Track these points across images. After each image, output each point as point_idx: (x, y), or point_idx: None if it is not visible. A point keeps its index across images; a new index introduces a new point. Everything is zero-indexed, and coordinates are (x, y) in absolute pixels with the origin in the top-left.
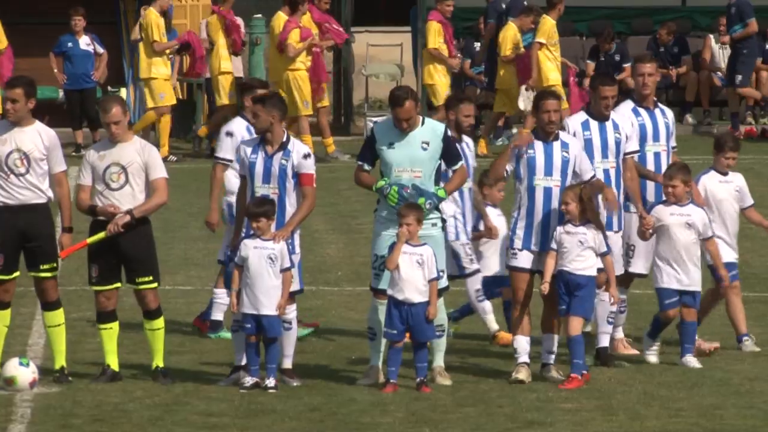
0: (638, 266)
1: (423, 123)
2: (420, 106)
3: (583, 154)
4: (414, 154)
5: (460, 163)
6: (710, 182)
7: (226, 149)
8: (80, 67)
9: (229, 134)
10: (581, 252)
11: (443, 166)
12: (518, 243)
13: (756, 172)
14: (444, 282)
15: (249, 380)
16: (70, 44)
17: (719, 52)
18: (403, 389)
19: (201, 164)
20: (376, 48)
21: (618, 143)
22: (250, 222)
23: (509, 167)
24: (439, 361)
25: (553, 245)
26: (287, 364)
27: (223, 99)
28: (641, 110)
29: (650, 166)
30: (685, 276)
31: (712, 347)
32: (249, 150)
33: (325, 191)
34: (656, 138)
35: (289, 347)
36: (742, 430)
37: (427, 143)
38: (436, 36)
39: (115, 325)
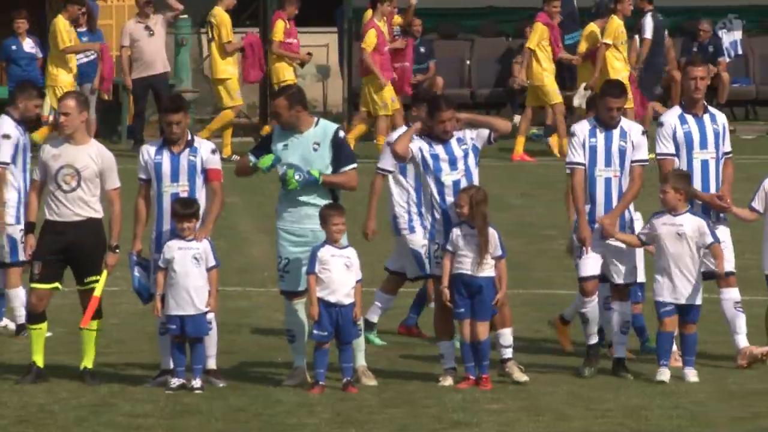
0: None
1: (317, 124)
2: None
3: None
4: (305, 154)
5: (350, 167)
6: None
7: (385, 161)
8: (25, 69)
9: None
10: (480, 254)
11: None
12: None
13: None
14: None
15: (175, 381)
16: (14, 47)
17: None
18: (330, 390)
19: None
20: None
21: (623, 152)
22: (178, 223)
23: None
24: (362, 360)
25: (449, 247)
26: (212, 364)
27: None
28: (688, 117)
29: (697, 174)
30: (680, 288)
31: (765, 351)
32: (152, 151)
33: (252, 192)
34: (703, 145)
35: (211, 347)
36: (667, 431)
37: (318, 144)
38: (539, 37)
39: (44, 326)
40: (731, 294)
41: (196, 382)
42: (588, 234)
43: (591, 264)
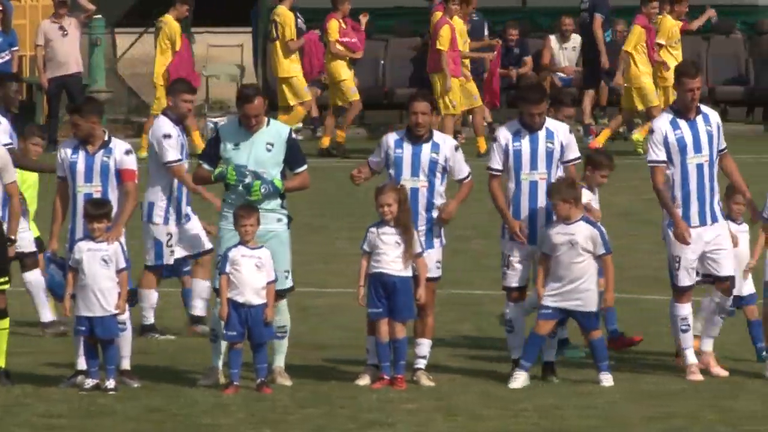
0: None
1: (268, 124)
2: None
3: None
4: (258, 155)
5: (303, 168)
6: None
7: None
8: None
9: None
10: (400, 254)
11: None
12: None
13: None
14: (289, 282)
15: (89, 382)
16: None
17: (560, 53)
18: (245, 390)
19: None
20: (216, 48)
21: (550, 153)
22: (89, 223)
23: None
24: (280, 362)
25: (366, 247)
26: (126, 365)
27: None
28: (681, 122)
29: (692, 179)
30: (567, 296)
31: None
32: (69, 151)
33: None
34: (697, 149)
35: (125, 348)
36: (581, 430)
37: (272, 144)
38: (637, 40)
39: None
40: (721, 299)
41: (110, 383)
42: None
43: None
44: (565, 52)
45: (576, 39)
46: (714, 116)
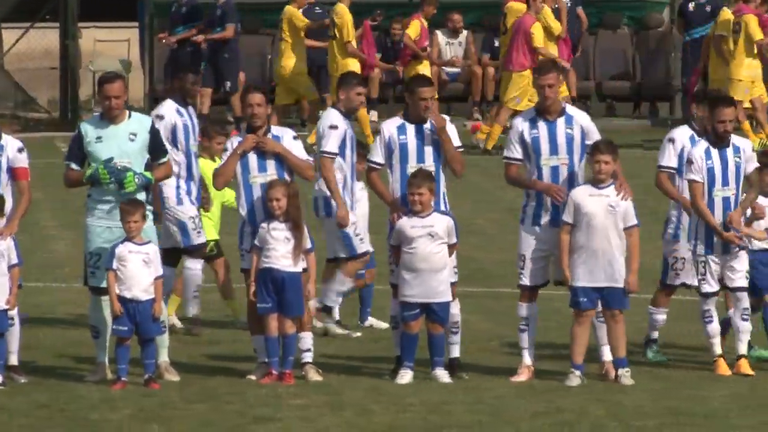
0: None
1: (130, 116)
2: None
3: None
4: (122, 145)
5: (166, 158)
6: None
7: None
8: None
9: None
10: (290, 249)
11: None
12: None
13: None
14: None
15: None
16: None
17: (446, 48)
18: (132, 386)
19: None
20: (103, 43)
21: (437, 145)
22: None
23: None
24: (164, 356)
25: (257, 242)
26: (13, 360)
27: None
28: (540, 122)
29: (548, 179)
30: (421, 287)
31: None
32: None
33: (55, 187)
34: (554, 151)
35: (13, 343)
36: (469, 425)
37: (135, 134)
38: (757, 33)
39: None
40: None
41: None
42: None
43: None
44: (452, 47)
45: (464, 35)
46: (580, 118)
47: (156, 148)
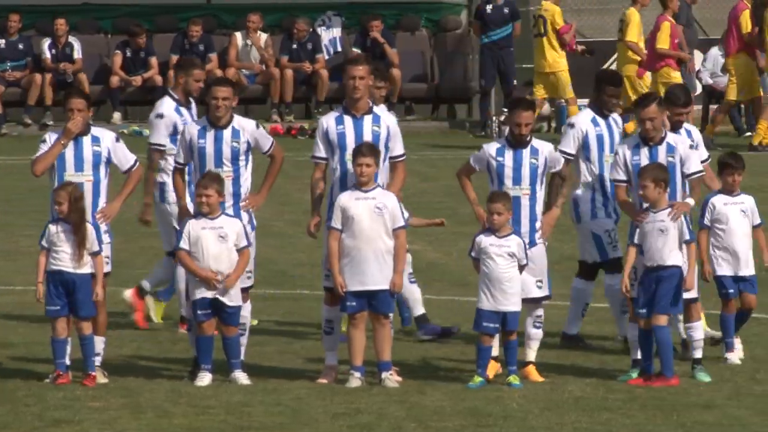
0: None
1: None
2: None
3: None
4: None
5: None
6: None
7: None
8: None
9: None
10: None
11: None
12: None
13: None
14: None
15: None
16: None
17: (245, 50)
18: None
19: None
20: None
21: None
22: None
23: None
24: None
25: (44, 243)
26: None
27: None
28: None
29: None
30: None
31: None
32: None
33: None
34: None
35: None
36: (268, 427)
37: None
38: None
39: None
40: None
41: None
42: None
43: None
44: (250, 50)
45: (263, 37)
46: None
47: None
